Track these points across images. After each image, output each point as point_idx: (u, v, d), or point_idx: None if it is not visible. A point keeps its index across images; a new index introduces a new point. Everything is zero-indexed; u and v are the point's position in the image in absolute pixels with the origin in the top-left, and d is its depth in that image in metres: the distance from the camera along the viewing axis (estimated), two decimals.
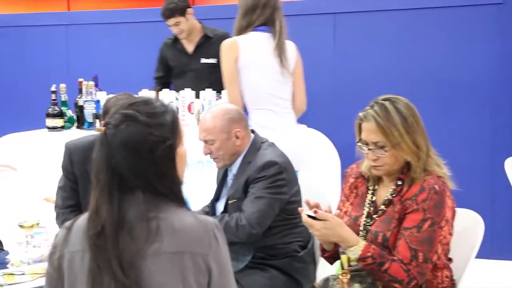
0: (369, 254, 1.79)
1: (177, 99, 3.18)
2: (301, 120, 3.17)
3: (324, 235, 1.85)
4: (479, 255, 3.71)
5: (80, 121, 3.34)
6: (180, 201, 1.39)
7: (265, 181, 2.20)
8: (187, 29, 3.62)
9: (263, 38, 2.85)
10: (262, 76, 2.86)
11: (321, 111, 3.87)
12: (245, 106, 2.85)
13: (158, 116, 1.37)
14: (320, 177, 2.98)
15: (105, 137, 1.34)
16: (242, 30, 2.87)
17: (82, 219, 1.38)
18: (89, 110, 3.26)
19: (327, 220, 1.83)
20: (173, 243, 1.31)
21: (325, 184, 2.85)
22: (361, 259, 1.81)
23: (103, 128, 1.36)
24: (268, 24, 2.85)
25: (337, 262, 2.02)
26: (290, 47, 2.92)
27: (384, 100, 1.88)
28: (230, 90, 2.87)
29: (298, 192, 2.33)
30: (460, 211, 1.93)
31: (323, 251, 2.05)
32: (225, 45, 2.89)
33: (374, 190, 1.97)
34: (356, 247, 1.82)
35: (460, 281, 1.93)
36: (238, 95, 2.85)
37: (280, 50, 2.84)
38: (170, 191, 1.37)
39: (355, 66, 3.96)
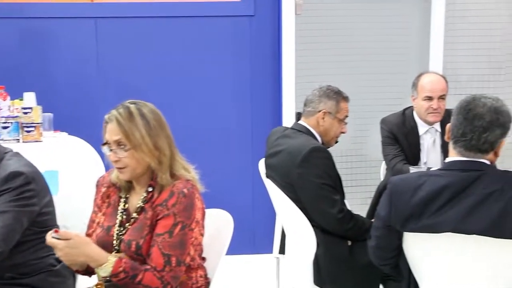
0: (120, 269, 1.78)
1: None
2: (62, 127, 3.04)
3: (68, 254, 1.79)
4: (242, 251, 4.01)
5: None
6: None
7: (10, 193, 2.04)
8: None
9: None
10: None
11: (85, 117, 3.74)
12: None
13: None
14: (81, 186, 2.87)
15: None
16: None
17: None
18: None
19: (70, 238, 1.78)
20: None
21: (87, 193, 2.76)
22: (113, 275, 1.78)
23: None
24: None
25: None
26: None
27: (130, 103, 1.90)
28: None
29: (50, 203, 2.20)
30: (212, 211, 2.02)
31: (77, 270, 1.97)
32: None
33: (126, 198, 1.96)
34: (106, 264, 1.79)
35: (213, 278, 2.02)
36: None
37: None
38: None
39: (118, 71, 3.90)
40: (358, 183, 4.31)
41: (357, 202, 3.96)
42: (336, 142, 2.85)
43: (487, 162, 1.91)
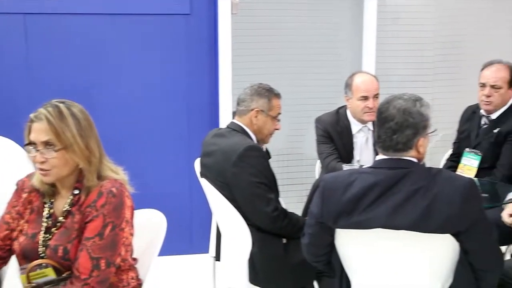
0: None
1: None
2: None
3: None
4: (180, 252, 3.97)
5: None
6: None
7: None
8: None
9: None
10: None
11: (13, 117, 3.60)
12: None
13: None
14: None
15: None
16: None
17: None
18: None
19: None
20: None
21: None
22: None
23: None
24: None
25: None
26: None
27: (58, 102, 1.84)
28: None
29: None
30: (145, 212, 1.99)
31: None
32: None
33: (51, 203, 1.89)
34: None
35: (147, 280, 1.99)
36: None
37: None
38: None
39: (49, 70, 3.78)
40: (294, 181, 4.37)
41: (294, 200, 4.01)
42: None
43: (414, 159, 1.97)
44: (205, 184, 2.68)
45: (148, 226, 2.02)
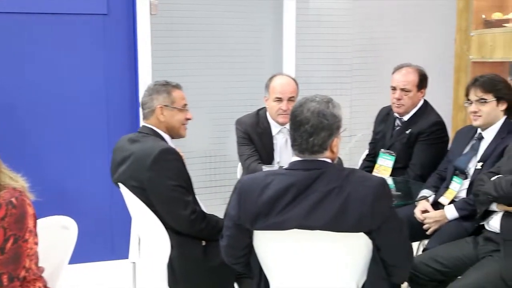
0: None
1: None
2: None
3: None
4: (101, 258, 3.87)
5: None
6: None
7: None
8: None
9: None
10: None
11: None
12: None
13: None
14: None
15: None
16: None
17: None
18: None
19: None
20: None
21: None
22: None
23: None
24: None
25: None
26: None
27: None
28: None
29: None
30: (54, 219, 1.92)
31: None
32: None
33: None
34: None
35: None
36: None
37: None
38: None
39: None
40: (218, 183, 4.37)
41: (218, 202, 4.00)
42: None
43: (328, 160, 2.01)
44: (123, 189, 2.62)
45: (58, 233, 1.95)
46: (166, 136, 2.71)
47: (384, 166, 3.39)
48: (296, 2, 4.32)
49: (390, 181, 3.22)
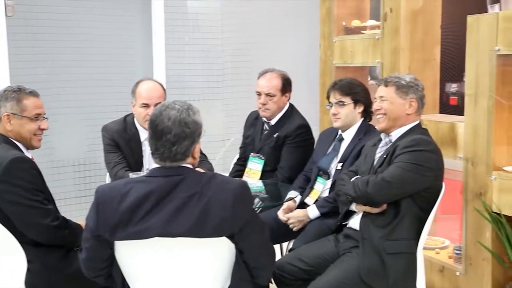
0: None
1: None
2: None
3: None
4: None
5: None
6: None
7: None
8: None
9: None
10: None
11: None
12: None
13: None
14: None
15: None
16: None
17: None
18: None
19: None
20: None
21: None
22: None
23: None
24: None
25: None
26: None
27: None
28: None
29: None
30: None
31: None
32: None
33: None
34: None
35: None
36: None
37: None
38: None
39: None
40: (90, 192, 4.23)
41: None
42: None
43: (189, 166, 2.00)
44: None
45: None
46: (20, 145, 2.55)
47: (254, 169, 3.45)
48: (164, 7, 4.29)
49: (260, 184, 3.28)
